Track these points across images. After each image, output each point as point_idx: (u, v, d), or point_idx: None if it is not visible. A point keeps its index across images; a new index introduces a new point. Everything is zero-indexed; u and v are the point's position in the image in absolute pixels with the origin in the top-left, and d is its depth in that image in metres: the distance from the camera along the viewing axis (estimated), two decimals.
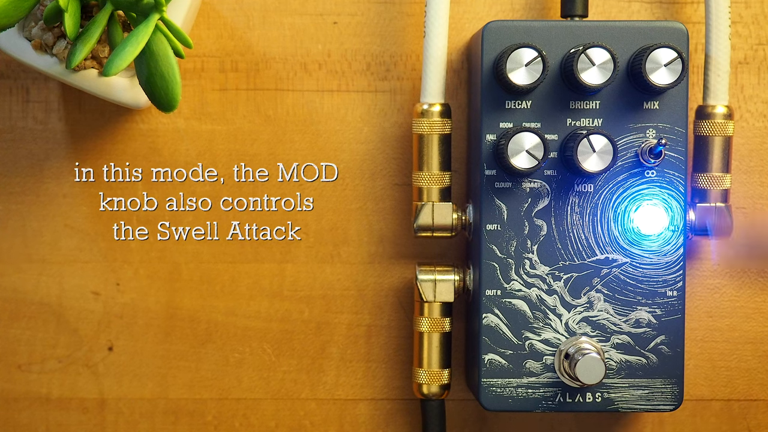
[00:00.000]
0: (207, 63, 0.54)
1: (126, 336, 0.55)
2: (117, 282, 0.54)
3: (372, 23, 0.54)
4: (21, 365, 0.55)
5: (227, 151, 0.54)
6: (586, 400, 0.50)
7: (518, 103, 0.49)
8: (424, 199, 0.51)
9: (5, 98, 0.54)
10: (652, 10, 0.54)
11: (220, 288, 0.55)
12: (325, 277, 0.55)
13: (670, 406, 0.50)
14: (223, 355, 0.55)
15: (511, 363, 0.50)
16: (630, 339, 0.50)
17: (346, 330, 0.55)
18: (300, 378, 0.55)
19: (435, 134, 0.51)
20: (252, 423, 0.55)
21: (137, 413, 0.55)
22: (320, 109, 0.54)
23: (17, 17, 0.45)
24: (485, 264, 0.49)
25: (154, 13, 0.45)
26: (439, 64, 0.51)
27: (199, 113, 0.54)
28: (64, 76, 0.48)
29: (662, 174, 0.49)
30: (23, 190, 0.54)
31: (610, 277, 0.49)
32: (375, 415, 0.55)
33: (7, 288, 0.54)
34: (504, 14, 0.54)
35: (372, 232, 0.54)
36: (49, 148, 0.54)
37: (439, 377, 0.52)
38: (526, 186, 0.49)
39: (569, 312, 0.50)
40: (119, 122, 0.54)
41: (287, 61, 0.54)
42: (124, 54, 0.44)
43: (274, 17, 0.54)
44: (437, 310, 0.51)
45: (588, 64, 0.47)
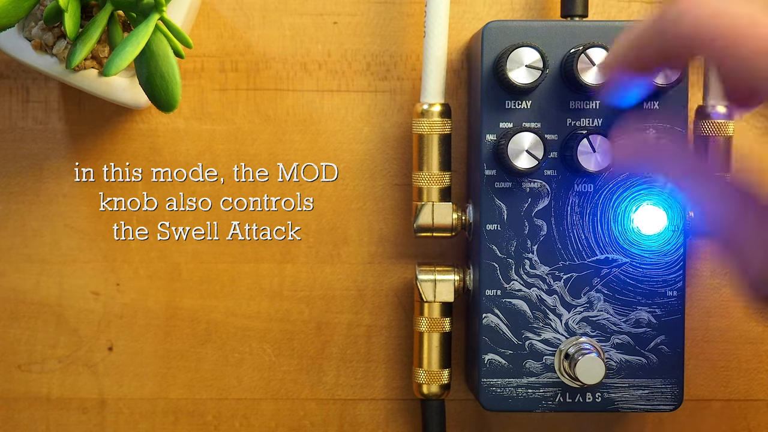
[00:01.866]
0: (207, 63, 0.54)
1: (126, 336, 0.55)
2: (117, 282, 0.54)
3: (372, 23, 0.54)
4: (21, 365, 0.55)
5: (227, 151, 0.54)
6: (586, 400, 0.50)
7: (518, 103, 0.49)
8: (424, 199, 0.51)
9: (5, 98, 0.54)
10: (652, 10, 0.54)
11: (220, 288, 0.55)
12: (325, 277, 0.55)
13: (670, 406, 0.50)
14: (223, 355, 0.55)
15: (511, 363, 0.50)
16: (630, 339, 0.50)
17: (346, 330, 0.55)
18: (300, 378, 0.55)
19: (435, 134, 0.51)
20: (252, 423, 0.55)
21: (137, 413, 0.55)
22: (320, 109, 0.54)
23: (17, 17, 0.45)
24: (485, 264, 0.49)
25: (154, 13, 0.45)
26: (439, 64, 0.51)
27: (199, 113, 0.54)
28: (64, 76, 0.48)
29: None
30: (23, 190, 0.54)
31: (610, 277, 0.49)
32: (375, 415, 0.55)
33: (7, 288, 0.54)
34: (504, 14, 0.54)
35: (372, 232, 0.54)
36: (49, 148, 0.54)
37: (439, 377, 0.52)
38: (526, 186, 0.49)
39: (569, 312, 0.50)
40: (119, 122, 0.54)
41: (287, 61, 0.54)
42: (124, 54, 0.44)
43: (274, 17, 0.54)
44: (437, 310, 0.51)
45: (588, 64, 0.47)
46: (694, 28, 0.36)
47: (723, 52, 0.35)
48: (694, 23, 0.36)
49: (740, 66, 0.35)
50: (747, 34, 0.35)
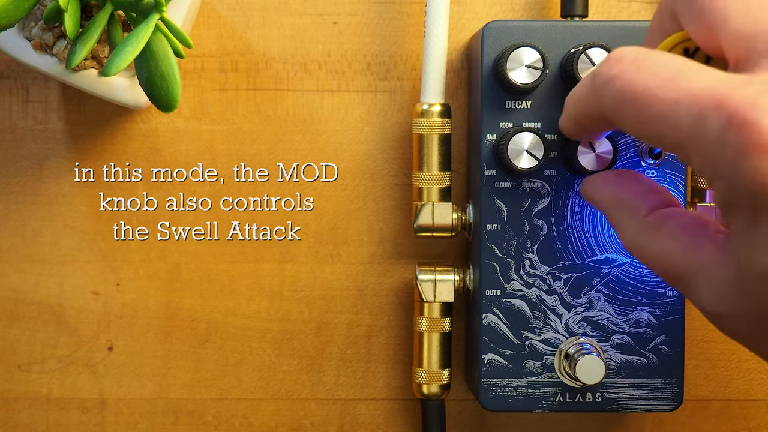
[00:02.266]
0: (207, 63, 0.54)
1: (126, 336, 0.55)
2: (117, 282, 0.54)
3: (372, 23, 0.54)
4: (21, 365, 0.55)
5: (227, 151, 0.54)
6: (586, 400, 0.50)
7: (518, 103, 0.49)
8: (424, 199, 0.51)
9: (5, 98, 0.54)
10: (652, 10, 0.54)
11: (220, 288, 0.55)
12: (325, 277, 0.55)
13: (670, 406, 0.50)
14: (223, 355, 0.55)
15: (511, 363, 0.50)
16: (630, 339, 0.50)
17: (346, 330, 0.55)
18: (300, 378, 0.55)
19: (435, 134, 0.51)
20: (252, 423, 0.55)
21: (137, 413, 0.55)
22: (320, 109, 0.54)
23: (17, 17, 0.45)
24: (485, 264, 0.49)
25: (154, 13, 0.45)
26: (439, 64, 0.51)
27: (199, 113, 0.54)
28: (64, 76, 0.48)
29: (662, 174, 0.49)
30: (23, 190, 0.54)
31: (610, 277, 0.49)
32: (375, 415, 0.55)
33: (7, 288, 0.54)
34: (504, 14, 0.54)
35: (372, 232, 0.54)
36: (49, 148, 0.54)
37: (439, 377, 0.52)
38: (526, 186, 0.49)
39: (569, 312, 0.50)
40: (119, 122, 0.54)
41: (287, 61, 0.54)
42: (124, 54, 0.44)
43: (274, 17, 0.54)
44: (437, 310, 0.51)
45: (588, 64, 0.47)
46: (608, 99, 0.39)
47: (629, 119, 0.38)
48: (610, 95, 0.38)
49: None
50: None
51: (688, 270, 0.39)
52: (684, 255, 0.39)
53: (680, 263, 0.39)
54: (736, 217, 0.35)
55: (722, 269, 0.37)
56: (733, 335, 0.38)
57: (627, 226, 0.42)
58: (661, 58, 0.37)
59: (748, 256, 0.35)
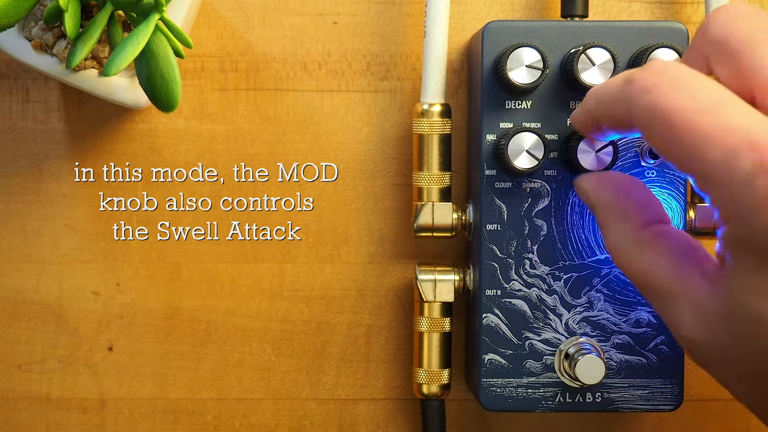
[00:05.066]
0: (207, 63, 0.54)
1: (126, 336, 0.55)
2: (117, 282, 0.54)
3: (372, 23, 0.54)
4: (21, 365, 0.55)
5: (227, 151, 0.54)
6: (586, 400, 0.50)
7: (518, 103, 0.49)
8: (424, 199, 0.51)
9: (5, 98, 0.54)
10: (652, 10, 0.54)
11: (220, 288, 0.55)
12: (325, 277, 0.55)
13: (670, 406, 0.50)
14: (223, 355, 0.55)
15: (511, 363, 0.50)
16: (630, 339, 0.50)
17: (346, 330, 0.55)
18: (300, 378, 0.55)
19: (435, 134, 0.51)
20: (252, 423, 0.55)
21: (137, 413, 0.55)
22: (320, 109, 0.54)
23: (17, 17, 0.45)
24: (485, 264, 0.49)
25: (154, 13, 0.45)
26: (439, 64, 0.51)
27: (199, 113, 0.54)
28: (64, 76, 0.48)
29: (662, 174, 0.49)
30: (23, 190, 0.54)
31: (610, 277, 0.49)
32: (375, 415, 0.55)
33: (7, 288, 0.54)
34: (504, 14, 0.54)
35: (372, 232, 0.54)
36: (49, 148, 0.54)
37: (439, 377, 0.52)
38: (526, 186, 0.49)
39: (569, 312, 0.50)
40: (119, 122, 0.54)
41: (287, 61, 0.54)
42: (124, 54, 0.44)
43: (274, 17, 0.54)
44: (437, 310, 0.51)
45: (588, 64, 0.47)
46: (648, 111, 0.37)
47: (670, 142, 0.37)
48: (648, 106, 0.37)
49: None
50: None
51: (672, 291, 0.39)
52: (669, 276, 0.39)
53: (664, 283, 0.39)
54: (742, 259, 0.35)
55: (710, 300, 0.37)
56: (701, 360, 0.39)
57: (617, 233, 0.42)
58: (701, 82, 0.36)
59: (746, 299, 0.35)
